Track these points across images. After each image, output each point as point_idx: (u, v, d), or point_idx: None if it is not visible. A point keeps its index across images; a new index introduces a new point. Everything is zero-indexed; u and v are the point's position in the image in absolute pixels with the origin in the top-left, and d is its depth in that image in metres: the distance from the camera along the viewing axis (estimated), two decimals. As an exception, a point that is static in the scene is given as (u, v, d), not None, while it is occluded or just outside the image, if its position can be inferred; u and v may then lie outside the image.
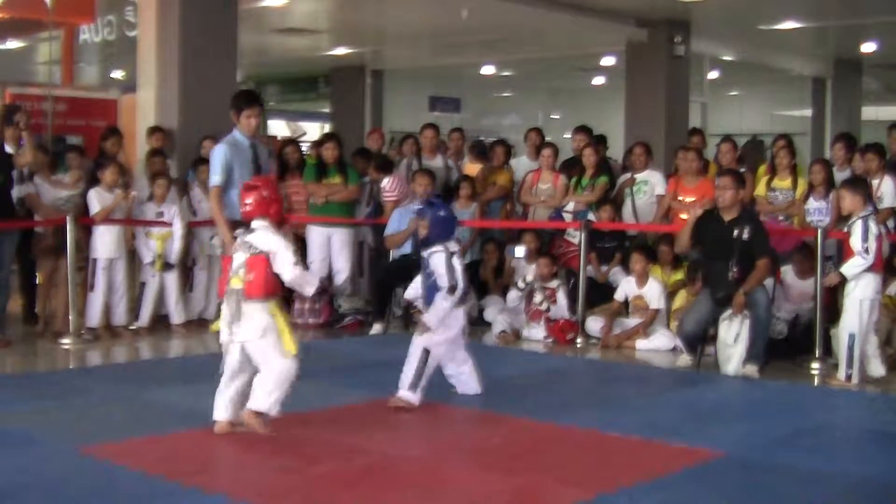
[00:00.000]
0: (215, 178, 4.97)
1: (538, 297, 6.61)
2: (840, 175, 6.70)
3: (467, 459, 3.58)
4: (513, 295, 6.80)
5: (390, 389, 4.39)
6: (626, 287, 6.52)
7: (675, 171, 7.28)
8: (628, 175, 7.36)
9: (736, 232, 5.34)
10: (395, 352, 5.48)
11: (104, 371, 5.45)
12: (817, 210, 6.45)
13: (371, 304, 7.08)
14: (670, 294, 6.45)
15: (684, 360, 5.67)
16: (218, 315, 4.42)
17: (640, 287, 6.43)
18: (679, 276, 6.44)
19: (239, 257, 3.77)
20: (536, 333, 6.61)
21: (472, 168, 7.70)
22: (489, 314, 6.94)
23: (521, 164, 8.06)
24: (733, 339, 5.38)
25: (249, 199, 3.79)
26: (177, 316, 6.65)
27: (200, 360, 5.37)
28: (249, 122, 4.99)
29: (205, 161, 7.10)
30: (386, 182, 7.25)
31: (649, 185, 7.20)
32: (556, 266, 6.93)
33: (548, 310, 6.57)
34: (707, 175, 7.11)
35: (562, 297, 6.63)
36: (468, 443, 3.80)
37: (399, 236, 6.83)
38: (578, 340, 6.49)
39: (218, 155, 5.02)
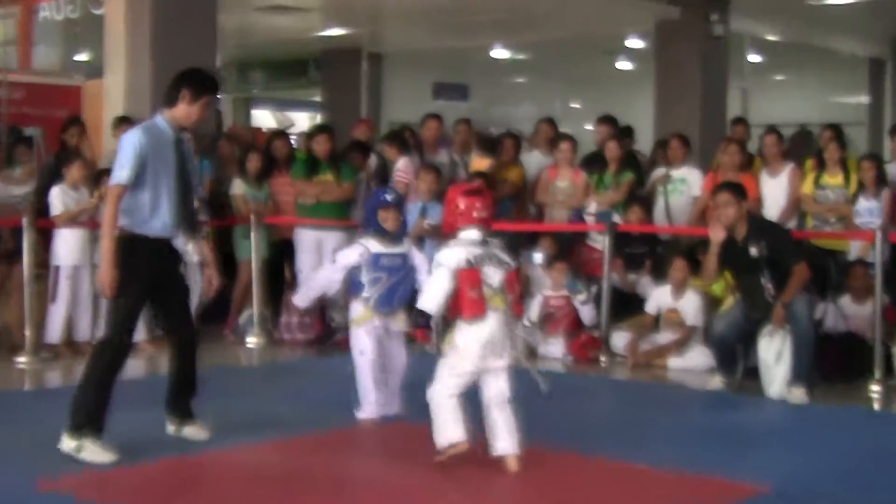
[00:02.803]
0: (122, 173, 3.98)
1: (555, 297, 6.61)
2: (894, 169, 6.66)
3: (474, 492, 3.55)
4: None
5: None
6: (659, 298, 6.50)
7: (715, 166, 7.26)
8: (662, 170, 7.34)
9: (753, 249, 5.35)
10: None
11: (65, 393, 5.43)
12: (868, 210, 6.42)
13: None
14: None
15: (717, 381, 5.64)
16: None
17: (677, 299, 6.40)
18: (717, 287, 6.41)
19: (494, 273, 3.79)
20: (555, 350, 6.60)
21: (480, 163, 7.69)
22: (501, 328, 6.91)
23: (533, 159, 8.04)
24: (775, 358, 5.35)
25: (482, 207, 3.81)
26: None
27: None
28: (203, 112, 4.18)
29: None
30: (402, 162, 7.23)
31: (686, 183, 7.17)
32: (577, 272, 6.90)
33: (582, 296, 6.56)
34: (751, 171, 7.07)
35: (585, 310, 6.61)
36: (475, 473, 3.76)
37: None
38: (602, 358, 6.47)
39: (129, 144, 4.01)
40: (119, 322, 4.03)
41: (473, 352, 3.75)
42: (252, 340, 7.02)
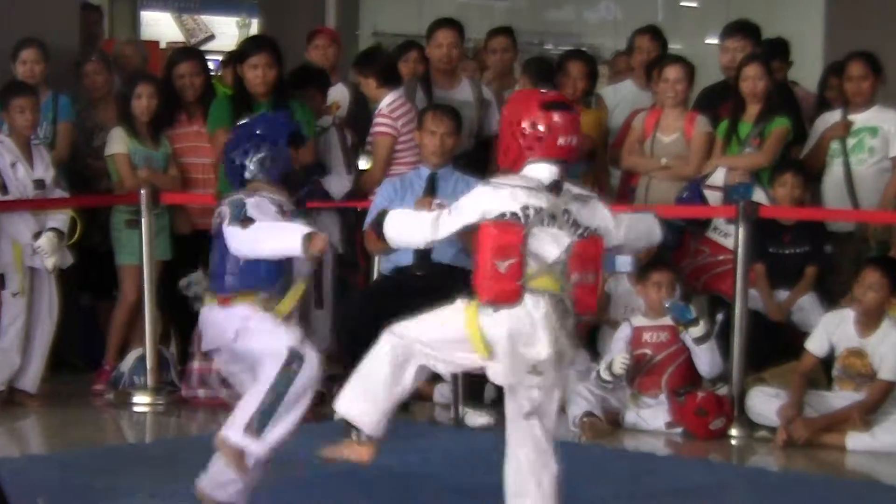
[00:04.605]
0: None
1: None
2: None
3: None
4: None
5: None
6: (831, 332, 6.47)
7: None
8: (836, 116, 7.33)
9: None
10: (382, 453, 5.47)
11: None
12: None
13: (337, 360, 7.08)
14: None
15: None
16: None
17: (865, 335, 6.39)
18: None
19: (555, 241, 3.91)
20: (653, 418, 6.62)
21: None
22: (563, 381, 6.92)
23: (622, 94, 8.05)
24: None
25: (570, 129, 3.98)
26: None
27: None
28: None
29: (26, 89, 7.13)
30: (386, 102, 7.30)
31: (880, 135, 7.18)
32: (689, 288, 6.90)
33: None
34: None
35: (703, 351, 6.62)
36: None
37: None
38: (734, 432, 6.49)
39: None
40: None
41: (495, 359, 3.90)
42: (142, 401, 7.05)
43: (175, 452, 6.29)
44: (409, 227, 4.12)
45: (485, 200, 3.95)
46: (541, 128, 3.96)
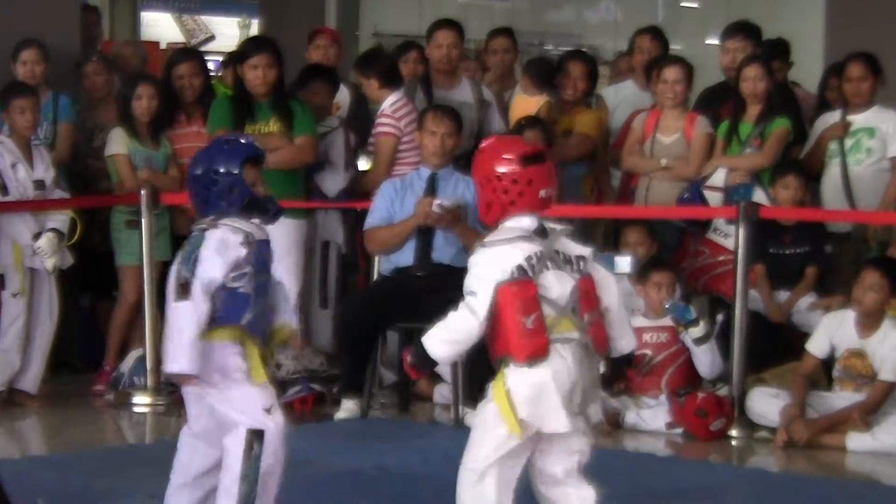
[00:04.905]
0: None
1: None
2: None
3: None
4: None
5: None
6: (832, 332, 6.46)
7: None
8: (835, 117, 7.33)
9: None
10: (382, 453, 5.47)
11: None
12: None
13: (336, 362, 7.08)
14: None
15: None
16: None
17: (865, 336, 6.38)
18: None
19: (560, 283, 3.90)
20: (653, 418, 6.62)
21: (527, 103, 7.71)
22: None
23: (623, 94, 8.04)
24: None
25: (549, 180, 3.96)
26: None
27: None
28: None
29: (26, 90, 7.14)
30: (389, 102, 7.34)
31: (878, 136, 7.16)
32: (689, 289, 6.89)
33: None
34: None
35: (703, 352, 6.64)
36: None
37: (393, 231, 6.87)
38: (734, 433, 6.49)
39: None
40: None
41: (537, 409, 3.83)
42: (142, 401, 7.06)
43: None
44: (453, 334, 3.93)
45: (494, 260, 3.88)
46: (522, 182, 3.92)
